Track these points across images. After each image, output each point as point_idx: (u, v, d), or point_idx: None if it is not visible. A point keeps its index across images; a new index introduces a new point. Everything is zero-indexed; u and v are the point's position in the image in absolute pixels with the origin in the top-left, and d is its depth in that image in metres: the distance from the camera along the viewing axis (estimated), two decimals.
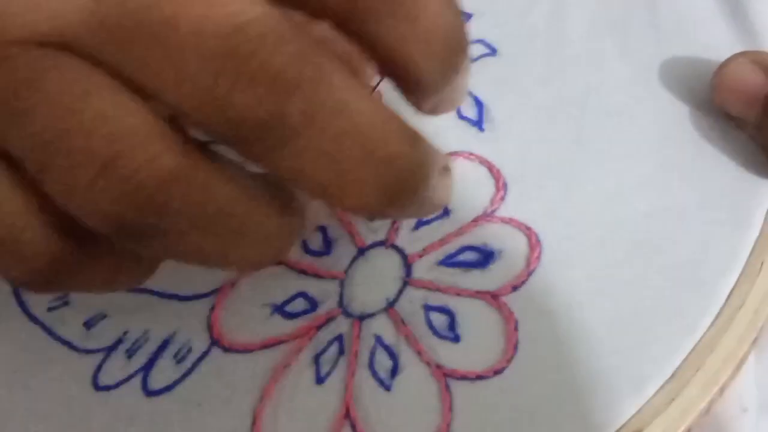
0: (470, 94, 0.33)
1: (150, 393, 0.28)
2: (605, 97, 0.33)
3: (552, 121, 0.32)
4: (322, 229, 0.30)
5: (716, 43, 0.33)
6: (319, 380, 0.28)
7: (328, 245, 0.30)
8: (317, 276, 0.30)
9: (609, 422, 0.27)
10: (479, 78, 0.33)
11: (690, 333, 0.28)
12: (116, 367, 0.29)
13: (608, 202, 0.30)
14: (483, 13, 0.35)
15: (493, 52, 0.34)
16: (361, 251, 0.30)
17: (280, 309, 0.29)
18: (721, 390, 0.28)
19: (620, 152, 0.31)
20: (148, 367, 0.29)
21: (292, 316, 0.29)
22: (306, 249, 0.30)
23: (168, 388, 0.28)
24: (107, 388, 0.28)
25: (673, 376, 0.27)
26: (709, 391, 0.27)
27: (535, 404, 0.27)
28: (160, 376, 0.28)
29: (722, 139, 0.31)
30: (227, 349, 0.29)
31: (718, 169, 0.31)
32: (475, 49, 0.34)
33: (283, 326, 0.29)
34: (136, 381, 0.28)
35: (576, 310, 0.28)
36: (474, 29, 0.35)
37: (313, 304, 0.29)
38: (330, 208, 0.30)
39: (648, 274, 0.29)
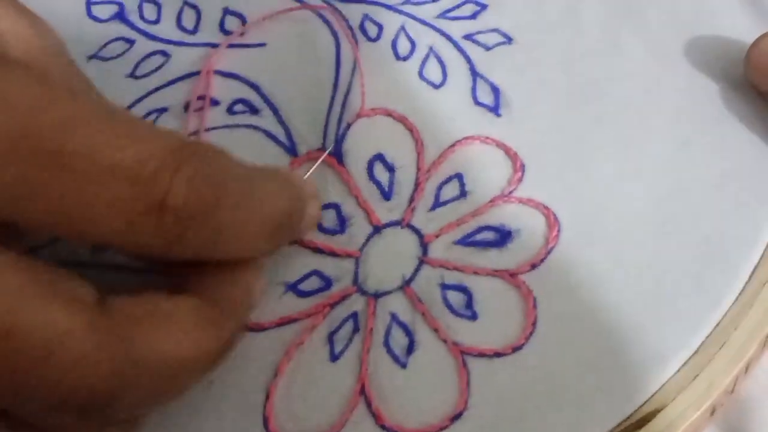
0: (486, 80, 0.33)
1: None
2: (624, 80, 0.32)
3: (569, 104, 0.32)
4: (336, 207, 0.30)
5: (735, 29, 0.33)
6: (334, 358, 0.27)
7: (342, 223, 0.30)
8: (332, 254, 0.29)
9: (631, 398, 0.26)
10: (495, 66, 0.33)
11: (714, 309, 0.27)
12: None
13: (628, 181, 0.30)
14: (499, 4, 0.35)
15: (509, 40, 0.34)
16: (377, 229, 0.30)
17: (293, 287, 0.29)
18: (747, 367, 0.27)
19: (640, 132, 0.31)
20: None
21: (305, 294, 0.29)
22: (320, 227, 0.30)
23: None
24: None
25: (696, 352, 0.27)
26: (733, 367, 0.26)
27: (554, 381, 0.26)
28: None
29: (744, 116, 0.31)
30: None
31: (740, 145, 0.30)
32: (491, 38, 0.34)
33: (296, 304, 0.28)
34: None
35: (596, 288, 0.28)
36: (489, 19, 0.35)
37: (327, 283, 0.29)
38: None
39: (670, 251, 0.28)
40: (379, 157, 0.31)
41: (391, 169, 0.31)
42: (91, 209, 0.20)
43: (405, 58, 0.34)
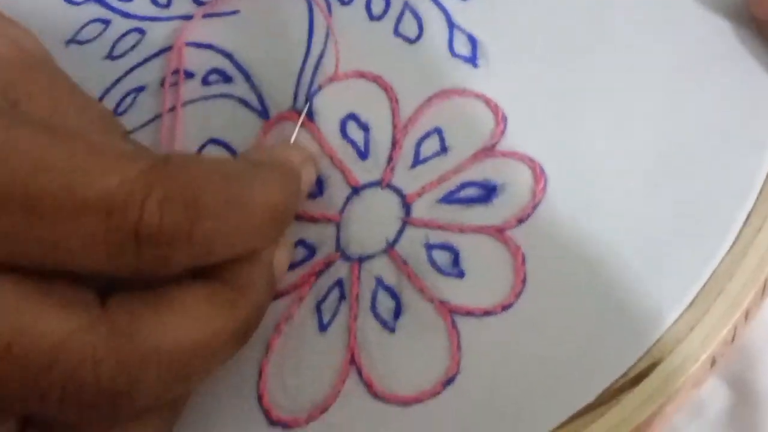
0: (463, 31, 0.32)
1: None
2: (611, 29, 0.31)
3: (553, 54, 0.30)
4: None
5: None
6: (322, 328, 0.27)
7: (319, 184, 0.29)
8: (312, 220, 0.28)
9: (626, 354, 0.25)
10: (472, 16, 0.32)
11: (708, 260, 0.26)
12: None
13: (617, 132, 0.29)
14: None
15: None
16: (356, 190, 0.28)
17: None
18: (746, 315, 0.26)
19: (629, 82, 0.29)
20: None
21: (292, 266, 0.28)
22: None
23: None
24: None
25: (692, 304, 0.26)
26: (730, 317, 0.26)
27: (547, 339, 0.26)
28: None
29: (738, 60, 0.29)
30: None
31: (731, 91, 0.29)
32: None
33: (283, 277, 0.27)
34: None
35: (586, 242, 0.27)
36: None
37: (311, 251, 0.28)
38: None
39: (662, 203, 0.27)
40: (352, 116, 0.30)
41: (365, 128, 0.30)
42: (69, 247, 0.20)
43: (379, 18, 0.33)
